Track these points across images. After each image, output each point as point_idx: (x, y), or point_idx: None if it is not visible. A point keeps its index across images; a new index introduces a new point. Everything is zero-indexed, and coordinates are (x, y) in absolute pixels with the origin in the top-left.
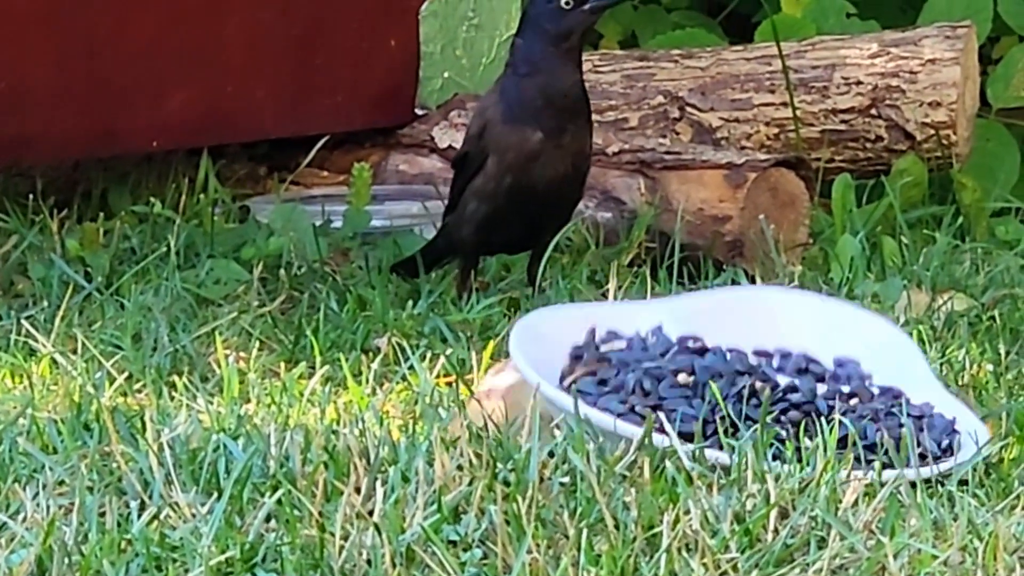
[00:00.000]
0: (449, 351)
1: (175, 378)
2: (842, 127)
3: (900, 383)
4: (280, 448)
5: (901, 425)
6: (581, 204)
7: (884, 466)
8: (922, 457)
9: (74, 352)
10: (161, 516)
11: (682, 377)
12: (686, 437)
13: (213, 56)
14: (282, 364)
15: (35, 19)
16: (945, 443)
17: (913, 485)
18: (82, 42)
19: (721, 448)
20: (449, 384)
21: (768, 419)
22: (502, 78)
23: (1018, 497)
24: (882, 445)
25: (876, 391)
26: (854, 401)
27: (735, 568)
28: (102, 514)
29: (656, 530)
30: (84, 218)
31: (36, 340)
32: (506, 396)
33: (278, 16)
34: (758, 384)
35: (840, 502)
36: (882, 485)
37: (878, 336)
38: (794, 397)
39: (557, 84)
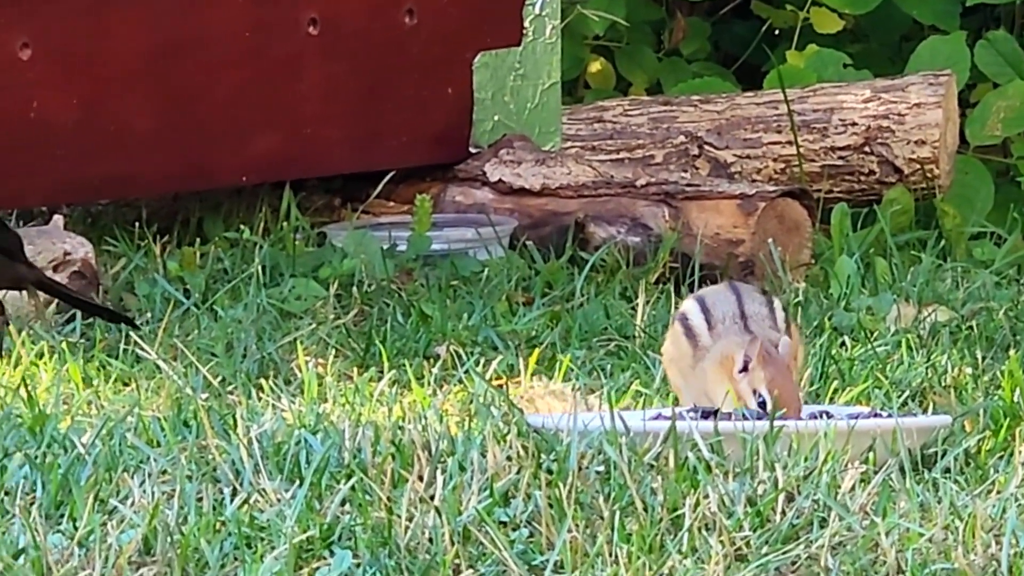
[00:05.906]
0: (500, 358)
1: (262, 381)
2: (839, 162)
3: None
4: (353, 442)
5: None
6: (613, 229)
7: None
8: None
9: (174, 359)
10: (250, 501)
11: None
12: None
13: (293, 105)
14: (355, 369)
15: (139, 74)
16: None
17: (903, 472)
18: (180, 94)
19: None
20: (499, 387)
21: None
22: None
23: (993, 483)
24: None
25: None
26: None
27: (748, 545)
28: (199, 499)
29: (679, 512)
30: (183, 243)
31: (142, 349)
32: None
33: (349, 71)
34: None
35: (839, 487)
36: (876, 473)
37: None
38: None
39: None
